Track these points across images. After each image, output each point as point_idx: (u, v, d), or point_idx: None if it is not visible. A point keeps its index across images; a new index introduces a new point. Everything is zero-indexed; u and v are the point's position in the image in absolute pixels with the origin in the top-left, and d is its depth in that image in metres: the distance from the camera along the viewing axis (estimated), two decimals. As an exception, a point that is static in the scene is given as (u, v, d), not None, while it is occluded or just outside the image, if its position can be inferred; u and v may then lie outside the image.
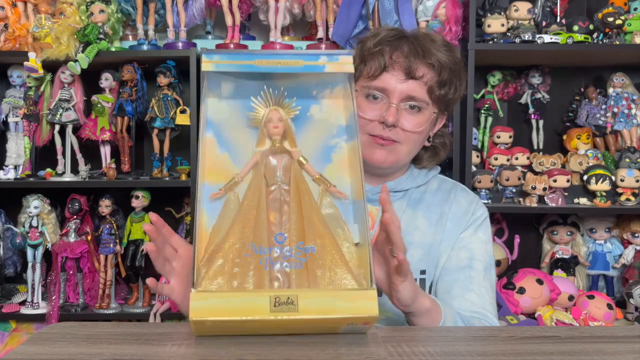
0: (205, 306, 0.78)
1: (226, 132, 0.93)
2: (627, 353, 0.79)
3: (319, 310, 0.79)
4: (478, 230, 1.28)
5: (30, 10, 2.20)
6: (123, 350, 0.78)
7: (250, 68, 0.92)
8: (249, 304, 0.78)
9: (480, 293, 1.22)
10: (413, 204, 1.29)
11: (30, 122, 2.21)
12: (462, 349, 0.82)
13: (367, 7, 2.10)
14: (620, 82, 2.27)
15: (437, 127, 1.31)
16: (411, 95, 1.20)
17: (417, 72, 1.19)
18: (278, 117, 0.92)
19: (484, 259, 1.27)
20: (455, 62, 1.24)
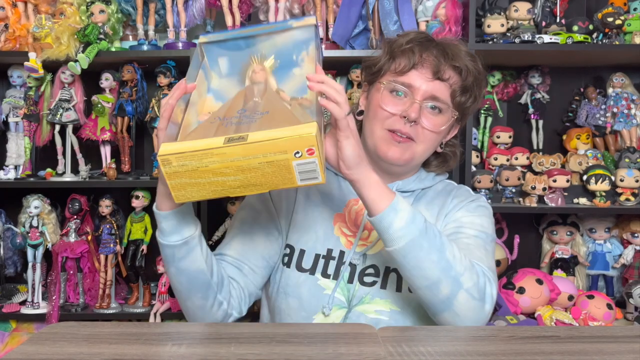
0: (171, 148, 0.93)
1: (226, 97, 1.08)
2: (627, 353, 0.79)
3: (266, 137, 0.92)
4: (473, 211, 1.29)
5: (30, 11, 2.20)
6: (123, 350, 0.78)
7: (236, 34, 1.15)
8: (206, 143, 0.93)
9: (467, 250, 1.17)
10: (417, 200, 1.32)
11: (30, 122, 2.21)
12: (462, 349, 0.82)
13: (367, 7, 2.10)
14: (619, 82, 2.27)
15: (451, 135, 1.33)
16: (435, 96, 1.22)
17: (445, 73, 1.22)
18: (260, 68, 1.10)
19: (475, 229, 1.25)
20: (479, 71, 1.27)
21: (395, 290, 1.23)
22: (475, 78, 1.26)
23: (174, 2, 2.18)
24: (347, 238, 1.27)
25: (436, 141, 1.27)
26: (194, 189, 0.95)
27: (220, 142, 0.92)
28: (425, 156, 1.30)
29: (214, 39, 1.15)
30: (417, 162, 1.29)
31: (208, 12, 2.28)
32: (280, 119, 0.97)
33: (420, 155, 1.27)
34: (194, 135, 0.97)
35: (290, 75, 1.09)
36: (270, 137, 0.92)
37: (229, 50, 1.15)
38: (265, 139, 0.92)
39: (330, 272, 1.25)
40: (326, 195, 1.32)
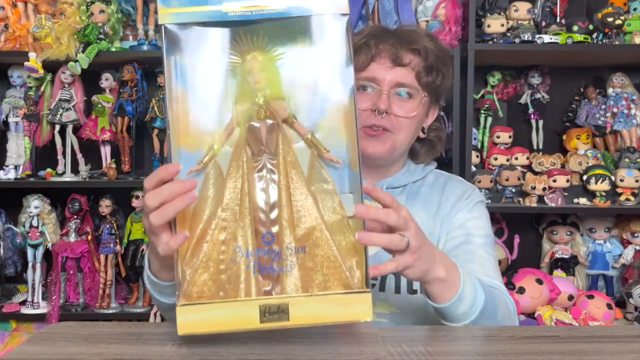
0: (193, 319, 0.75)
1: (198, 87, 0.79)
2: (627, 353, 0.79)
3: (311, 317, 0.76)
4: (473, 210, 1.27)
5: (30, 11, 2.20)
6: (123, 350, 0.78)
7: (219, 16, 0.78)
8: (238, 315, 0.76)
9: (482, 263, 1.19)
10: (411, 198, 1.30)
11: (30, 122, 2.21)
12: (462, 349, 0.82)
13: (367, 7, 2.10)
14: (619, 82, 2.27)
15: (431, 119, 1.32)
16: (400, 82, 1.22)
17: (404, 59, 1.21)
18: (259, 68, 0.79)
19: (482, 234, 1.25)
20: (440, 49, 1.27)
21: (394, 292, 1.21)
22: (437, 57, 1.25)
23: (174, 2, 2.18)
24: None
25: (414, 127, 1.26)
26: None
27: (256, 317, 0.75)
28: (407, 144, 1.28)
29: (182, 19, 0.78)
30: (399, 151, 1.27)
31: (208, 12, 2.27)
32: (324, 270, 0.79)
33: (401, 143, 1.25)
34: (209, 279, 0.77)
35: (295, 60, 0.81)
36: (317, 320, 0.77)
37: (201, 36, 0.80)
38: (312, 321, 0.77)
39: None
40: None
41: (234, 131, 0.80)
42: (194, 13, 0.77)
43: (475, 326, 1.13)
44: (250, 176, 0.79)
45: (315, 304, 0.77)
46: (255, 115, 0.79)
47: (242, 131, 0.79)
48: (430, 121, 1.32)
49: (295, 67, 0.81)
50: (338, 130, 0.82)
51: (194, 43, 0.79)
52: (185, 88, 0.79)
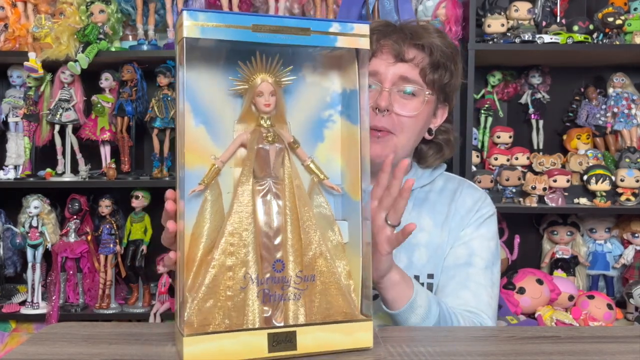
0: (201, 350, 0.72)
1: (202, 101, 0.79)
2: (627, 353, 0.79)
3: (317, 345, 0.77)
4: (481, 227, 1.23)
5: (30, 11, 2.20)
6: (123, 350, 0.78)
7: (247, 36, 0.75)
8: (247, 345, 0.74)
9: (476, 292, 1.17)
10: (418, 204, 1.25)
11: (30, 122, 2.21)
12: (462, 349, 0.81)
13: (367, 7, 2.10)
14: (620, 82, 2.27)
15: (440, 120, 1.26)
16: (403, 76, 1.16)
17: (407, 54, 1.16)
18: (270, 91, 0.78)
19: (486, 256, 1.21)
20: (448, 45, 1.20)
21: None
22: (444, 53, 1.18)
23: (174, 2, 2.18)
24: None
25: (418, 128, 1.19)
26: None
27: (264, 346, 0.74)
28: (410, 146, 1.21)
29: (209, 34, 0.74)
30: (402, 153, 1.20)
31: (208, 12, 2.27)
32: (328, 298, 0.80)
33: (403, 145, 1.19)
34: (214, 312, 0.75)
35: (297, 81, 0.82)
36: (323, 348, 0.77)
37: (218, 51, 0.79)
38: (315, 349, 0.77)
39: None
40: None
41: (238, 151, 0.79)
42: (221, 30, 0.74)
43: (475, 326, 1.13)
44: (254, 200, 0.78)
45: (320, 333, 0.77)
46: (264, 138, 0.78)
47: (250, 153, 0.78)
48: (439, 122, 1.26)
49: (300, 93, 0.82)
50: (334, 156, 0.84)
51: (208, 59, 0.79)
52: (192, 103, 0.78)
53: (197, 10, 0.74)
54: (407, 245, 1.18)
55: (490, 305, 1.18)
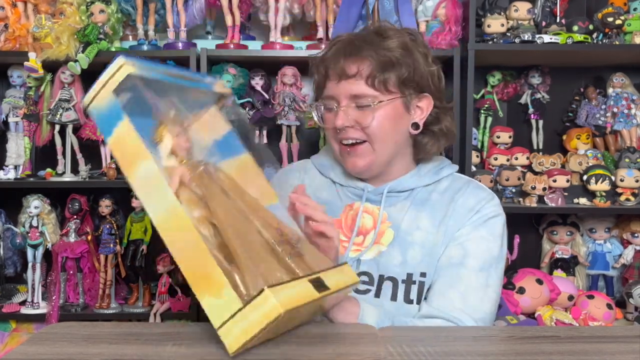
0: (279, 300, 0.75)
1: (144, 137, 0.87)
2: (627, 353, 0.79)
3: (336, 284, 0.90)
4: (480, 228, 1.21)
5: (30, 11, 2.20)
6: (123, 350, 0.78)
7: (170, 79, 0.94)
8: (305, 290, 0.83)
9: (464, 294, 1.15)
10: (418, 203, 1.24)
11: (30, 122, 2.21)
12: (462, 349, 0.82)
13: (367, 7, 2.10)
14: (620, 82, 2.27)
15: (424, 112, 1.24)
16: (352, 94, 1.18)
17: (349, 70, 1.18)
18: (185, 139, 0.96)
19: (482, 258, 1.19)
20: (400, 43, 1.19)
21: (390, 299, 1.18)
22: (390, 52, 1.18)
23: (174, 2, 2.18)
24: (342, 244, 1.21)
25: (389, 131, 1.20)
26: (259, 337, 0.77)
27: (313, 290, 0.83)
28: (390, 150, 1.22)
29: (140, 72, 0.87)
30: (383, 159, 1.22)
31: (208, 12, 2.27)
32: (313, 253, 0.99)
33: (382, 152, 1.21)
34: (252, 269, 0.82)
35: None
36: (340, 285, 0.91)
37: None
38: (338, 287, 0.91)
39: None
40: (323, 201, 1.28)
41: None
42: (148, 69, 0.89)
43: (475, 326, 1.13)
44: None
45: (332, 276, 0.90)
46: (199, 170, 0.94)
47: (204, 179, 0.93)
48: (424, 114, 1.24)
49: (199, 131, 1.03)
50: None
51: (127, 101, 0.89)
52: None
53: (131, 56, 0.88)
54: (402, 243, 1.20)
55: (479, 308, 1.16)
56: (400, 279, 1.19)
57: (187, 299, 2.19)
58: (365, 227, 1.24)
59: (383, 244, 1.22)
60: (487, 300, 1.18)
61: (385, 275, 1.20)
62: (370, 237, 1.22)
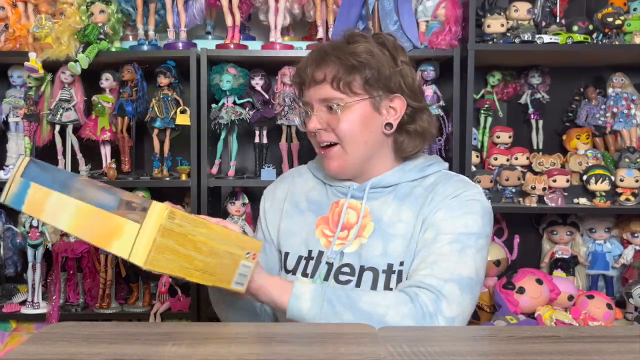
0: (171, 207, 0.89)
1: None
2: (627, 353, 0.79)
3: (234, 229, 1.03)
4: (455, 209, 1.22)
5: (30, 11, 2.20)
6: (123, 350, 0.78)
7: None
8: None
9: (434, 261, 1.16)
10: (401, 197, 1.28)
11: (30, 122, 2.21)
12: (462, 349, 0.82)
13: (367, 7, 2.10)
14: (619, 82, 2.27)
15: (398, 112, 1.27)
16: (320, 99, 1.26)
17: (317, 76, 1.25)
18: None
19: (456, 232, 1.19)
20: (367, 47, 1.24)
21: (370, 288, 1.22)
22: (353, 56, 1.22)
23: (174, 2, 2.18)
24: (327, 238, 1.29)
25: (359, 132, 1.24)
26: (170, 257, 0.90)
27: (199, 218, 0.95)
28: (362, 151, 1.26)
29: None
30: (356, 161, 1.27)
31: (208, 12, 2.28)
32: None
33: (354, 154, 1.26)
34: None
35: None
36: (237, 231, 1.02)
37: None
38: (234, 230, 1.01)
39: (309, 271, 1.28)
40: (312, 201, 1.35)
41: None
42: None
43: (475, 326, 1.13)
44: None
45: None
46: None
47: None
48: (398, 114, 1.27)
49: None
50: None
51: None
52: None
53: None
54: (383, 235, 1.25)
55: (448, 270, 1.15)
56: (381, 269, 1.23)
57: (187, 299, 2.19)
58: (350, 222, 1.29)
59: (364, 236, 1.26)
60: (462, 265, 1.16)
61: (366, 266, 1.24)
62: (354, 231, 1.27)
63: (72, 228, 0.97)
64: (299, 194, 1.38)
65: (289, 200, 1.38)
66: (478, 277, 1.18)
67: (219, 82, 2.14)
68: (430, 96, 2.18)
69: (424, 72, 2.18)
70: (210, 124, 2.18)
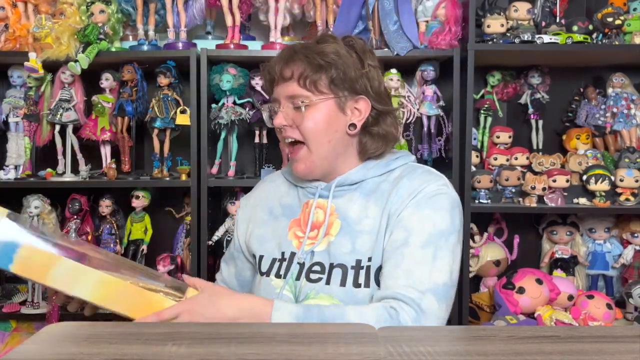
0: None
1: None
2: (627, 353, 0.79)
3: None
4: (422, 207, 1.22)
5: (30, 11, 2.20)
6: (123, 350, 0.78)
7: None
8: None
9: (408, 269, 1.17)
10: (367, 193, 1.30)
11: (30, 122, 2.21)
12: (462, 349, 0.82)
13: (367, 7, 2.10)
14: (619, 82, 2.28)
15: (362, 113, 1.29)
16: (287, 95, 1.28)
17: (285, 73, 1.27)
18: None
19: (426, 233, 1.20)
20: (335, 48, 1.27)
21: (340, 285, 1.24)
22: (321, 55, 1.25)
23: (174, 2, 2.18)
24: (299, 240, 1.31)
25: (323, 132, 1.26)
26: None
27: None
28: (326, 150, 1.28)
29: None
30: (321, 160, 1.29)
31: (208, 12, 2.28)
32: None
33: (318, 152, 1.28)
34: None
35: None
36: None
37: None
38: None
39: (282, 272, 1.31)
40: (285, 205, 1.38)
41: None
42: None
43: (475, 326, 1.13)
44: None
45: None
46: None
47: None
48: (363, 115, 1.29)
49: None
50: None
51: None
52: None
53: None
54: (351, 232, 1.27)
55: (426, 280, 1.16)
56: (350, 265, 1.25)
57: (187, 299, 2.19)
58: (319, 221, 1.31)
59: (332, 234, 1.28)
60: (437, 272, 1.18)
61: (335, 263, 1.26)
62: (322, 229, 1.29)
63: (102, 300, 1.18)
64: (272, 200, 1.40)
65: (263, 207, 1.41)
66: (452, 280, 1.20)
67: (219, 82, 2.14)
68: (430, 96, 2.18)
69: (424, 72, 2.18)
70: (210, 124, 2.18)
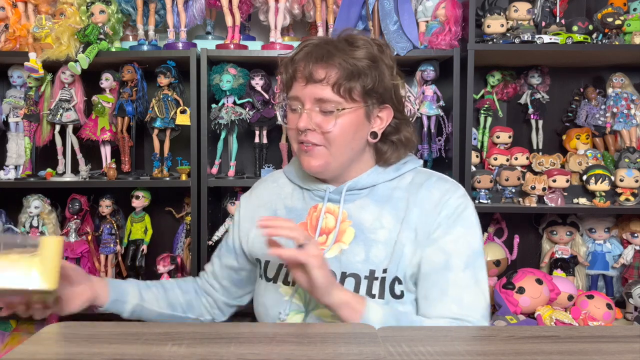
0: None
1: None
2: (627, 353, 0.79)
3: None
4: (454, 226, 1.22)
5: (30, 11, 2.20)
6: (123, 350, 0.78)
7: None
8: None
9: (458, 297, 1.18)
10: (380, 201, 1.27)
11: (30, 122, 2.21)
12: (462, 349, 0.82)
13: (367, 7, 2.10)
14: (619, 82, 2.28)
15: (384, 122, 1.27)
16: (317, 98, 1.21)
17: (317, 75, 1.21)
18: None
19: (465, 254, 1.21)
20: (367, 54, 1.23)
21: None
22: (358, 62, 1.21)
23: (174, 2, 2.18)
24: None
25: (346, 140, 1.23)
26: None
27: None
28: (345, 155, 1.25)
29: None
30: (336, 164, 1.25)
31: (208, 12, 2.28)
32: None
33: (337, 157, 1.24)
34: None
35: None
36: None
37: None
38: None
39: (290, 279, 1.26)
40: (290, 208, 1.34)
41: None
42: None
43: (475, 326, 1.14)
44: None
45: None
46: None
47: None
48: (384, 124, 1.28)
49: None
50: None
51: None
52: None
53: None
54: (365, 241, 1.24)
55: (474, 306, 1.19)
56: (363, 275, 1.22)
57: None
58: (328, 227, 1.28)
59: (344, 242, 1.25)
60: (481, 295, 1.21)
61: (348, 272, 1.23)
62: (332, 236, 1.26)
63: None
64: (276, 201, 1.36)
65: (265, 208, 1.36)
66: (488, 293, 1.24)
67: (219, 82, 2.14)
68: (430, 96, 2.18)
69: (424, 72, 2.18)
70: (210, 124, 2.18)
